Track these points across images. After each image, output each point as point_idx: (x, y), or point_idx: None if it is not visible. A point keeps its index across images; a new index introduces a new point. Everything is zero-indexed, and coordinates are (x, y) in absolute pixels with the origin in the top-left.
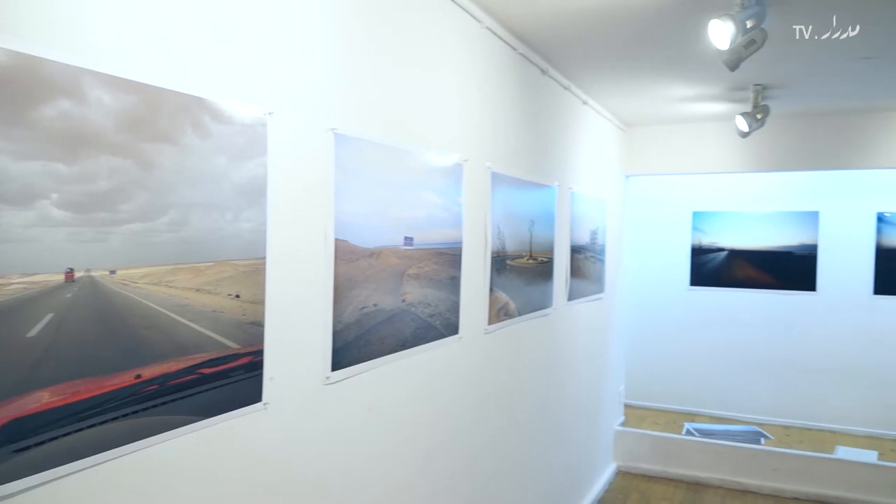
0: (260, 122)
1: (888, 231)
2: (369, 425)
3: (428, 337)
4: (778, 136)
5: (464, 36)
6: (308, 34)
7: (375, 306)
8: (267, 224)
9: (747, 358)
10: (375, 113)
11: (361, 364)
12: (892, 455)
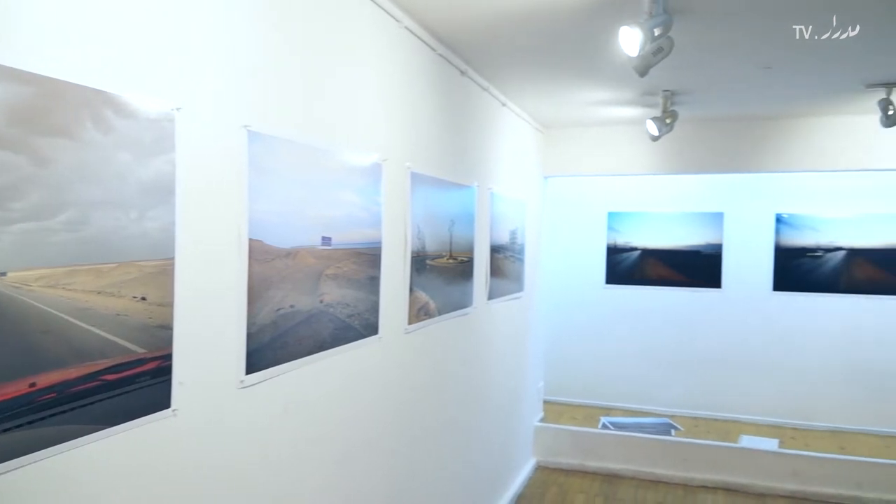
0: (167, 118)
1: (785, 231)
2: (285, 428)
3: (347, 338)
4: (686, 140)
5: (383, 35)
6: (218, 27)
7: (292, 307)
8: (176, 223)
9: (659, 353)
10: (292, 110)
11: (277, 366)
12: (792, 442)
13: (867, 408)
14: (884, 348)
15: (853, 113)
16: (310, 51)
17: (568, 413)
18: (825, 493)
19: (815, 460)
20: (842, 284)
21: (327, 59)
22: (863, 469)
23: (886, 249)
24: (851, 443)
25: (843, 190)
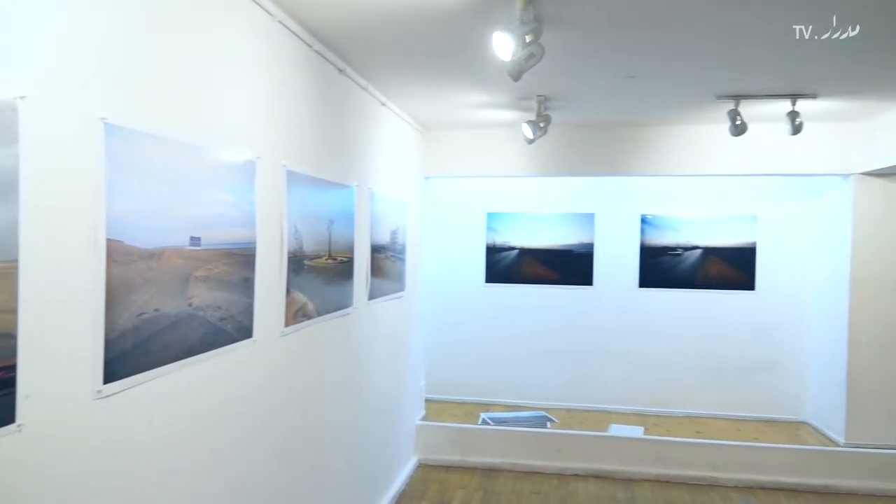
0: (9, 107)
1: (650, 231)
2: (152, 439)
3: (218, 342)
4: (559, 143)
5: (255, 29)
6: (72, 11)
7: (157, 311)
8: (20, 222)
9: (536, 348)
10: (156, 104)
11: (141, 374)
12: (655, 429)
13: (720, 394)
14: (735, 339)
15: (707, 122)
16: (176, 42)
17: (449, 410)
18: (685, 475)
19: (676, 445)
20: (698, 280)
21: (196, 52)
22: (717, 451)
23: (736, 248)
24: (707, 427)
25: (699, 193)
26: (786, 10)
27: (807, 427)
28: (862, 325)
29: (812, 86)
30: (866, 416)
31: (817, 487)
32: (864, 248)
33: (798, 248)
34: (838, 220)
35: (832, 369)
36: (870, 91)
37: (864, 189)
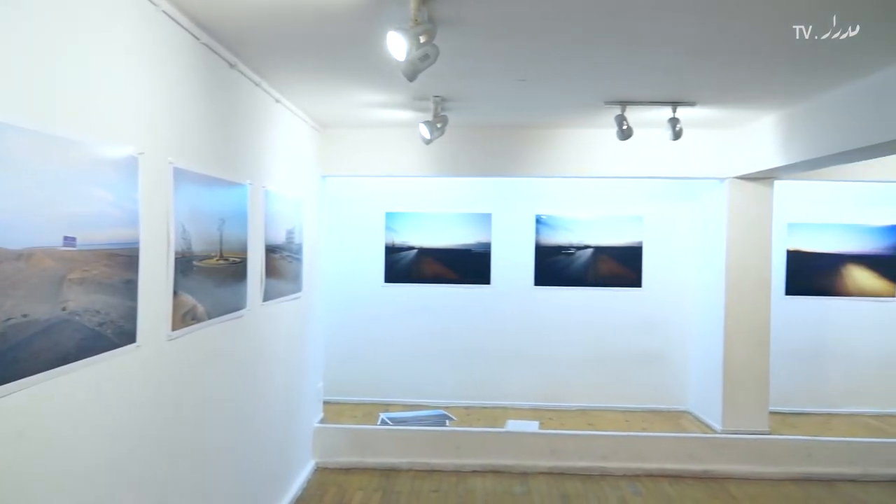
0: None
1: (544, 231)
2: (21, 455)
3: (97, 348)
4: (457, 144)
5: (138, 19)
6: None
7: (25, 317)
8: None
9: (435, 347)
10: (22, 95)
11: (7, 385)
12: (550, 423)
13: (611, 387)
14: (623, 334)
15: (596, 126)
16: (48, 30)
17: (348, 412)
18: (578, 466)
19: (569, 438)
20: (590, 278)
21: (71, 42)
22: (607, 442)
23: (625, 247)
24: (598, 420)
25: (590, 194)
26: (672, 20)
27: (688, 416)
28: (736, 320)
29: (691, 94)
30: (740, 404)
31: (697, 472)
32: (737, 248)
33: (680, 247)
34: (715, 221)
35: (710, 361)
36: (743, 101)
37: (738, 192)
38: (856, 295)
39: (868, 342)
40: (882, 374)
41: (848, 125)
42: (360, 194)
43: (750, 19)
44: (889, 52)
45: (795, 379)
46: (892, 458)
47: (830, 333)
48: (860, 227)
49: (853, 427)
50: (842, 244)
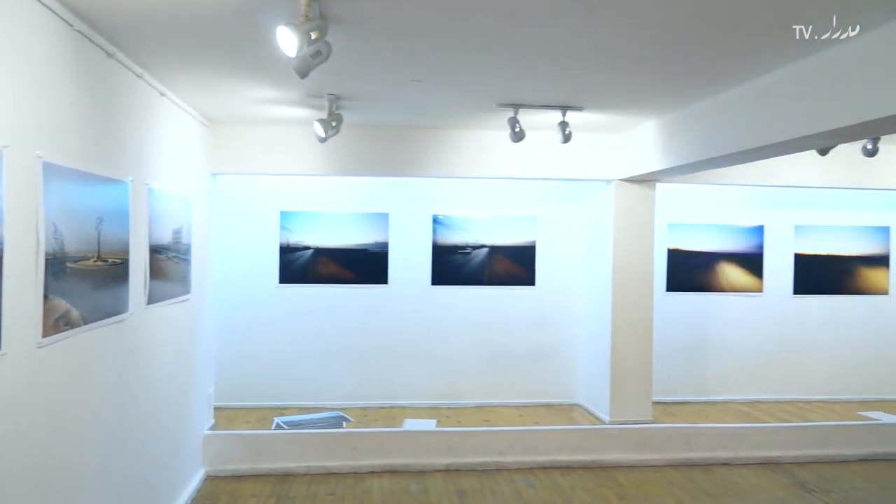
0: None
1: (441, 230)
2: None
3: None
4: (353, 143)
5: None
6: None
7: None
8: None
9: (332, 348)
10: None
11: None
12: (447, 420)
13: (505, 384)
14: (518, 331)
15: (490, 128)
16: None
17: (241, 417)
18: (474, 462)
19: (466, 434)
20: (485, 277)
21: None
22: (502, 437)
23: (519, 246)
24: (493, 416)
25: (485, 195)
26: (561, 28)
27: (579, 409)
28: (622, 316)
29: (579, 99)
30: (626, 396)
31: (587, 463)
32: (623, 247)
33: (571, 246)
34: (603, 222)
35: (599, 356)
36: (627, 107)
37: (623, 193)
38: (728, 290)
39: (739, 334)
40: (752, 364)
41: (720, 132)
42: (253, 193)
43: (632, 31)
44: (757, 64)
45: (676, 370)
46: (761, 442)
47: (707, 327)
48: (732, 227)
49: (727, 414)
50: (716, 243)
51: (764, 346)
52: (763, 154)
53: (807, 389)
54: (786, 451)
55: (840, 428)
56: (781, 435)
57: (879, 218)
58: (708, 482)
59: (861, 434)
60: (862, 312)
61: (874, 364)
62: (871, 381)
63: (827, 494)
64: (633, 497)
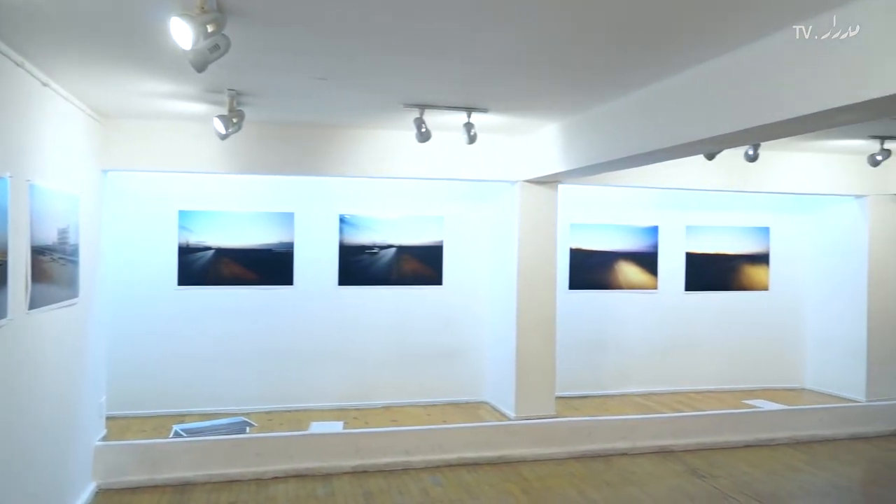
0: None
1: (348, 230)
2: None
3: None
4: (256, 141)
5: None
6: None
7: None
8: None
9: (235, 352)
10: None
11: None
12: (355, 422)
13: (413, 383)
14: (426, 331)
15: (397, 128)
16: None
17: (136, 426)
18: (381, 463)
19: (373, 435)
20: (393, 277)
21: None
22: (410, 437)
23: (427, 246)
24: (401, 415)
25: (393, 194)
26: (465, 31)
27: (486, 406)
28: (526, 314)
29: (484, 101)
30: (531, 392)
31: (493, 458)
32: (527, 246)
33: (477, 246)
34: (508, 222)
35: (505, 354)
36: (530, 109)
37: (527, 194)
38: (626, 288)
39: (636, 330)
40: (648, 358)
41: (617, 136)
42: (149, 191)
43: (533, 35)
44: (651, 71)
45: (578, 366)
46: (656, 432)
47: (606, 323)
48: (629, 227)
49: (625, 406)
50: (615, 243)
51: (658, 341)
52: (656, 158)
53: (698, 381)
54: (678, 440)
55: (727, 416)
56: (674, 425)
57: (761, 219)
58: (608, 472)
59: (746, 421)
60: (745, 307)
61: (757, 355)
62: (754, 372)
63: (716, 479)
64: (537, 490)
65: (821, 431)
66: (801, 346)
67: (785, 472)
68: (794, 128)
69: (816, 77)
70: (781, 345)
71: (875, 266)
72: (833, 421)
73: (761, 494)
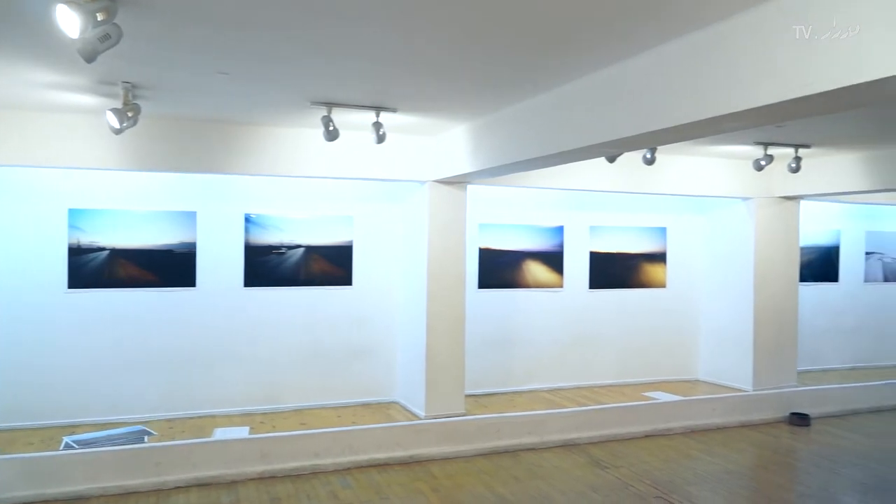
0: None
1: (254, 230)
2: None
3: None
4: (154, 136)
5: None
6: None
7: None
8: None
9: (134, 358)
10: None
11: None
12: (261, 427)
13: (323, 385)
14: (336, 332)
15: (304, 126)
16: None
17: (23, 439)
18: (289, 467)
19: (281, 439)
20: (302, 278)
21: None
22: (319, 440)
23: (336, 246)
24: (311, 418)
25: (301, 194)
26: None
27: (396, 406)
28: (436, 313)
29: (393, 101)
30: (440, 391)
31: (404, 458)
32: (437, 246)
33: (388, 246)
34: (418, 222)
35: (415, 353)
36: (439, 110)
37: (436, 194)
38: (533, 287)
39: (543, 327)
40: (554, 354)
41: (523, 138)
42: (36, 188)
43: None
44: (556, 75)
45: (487, 364)
46: (562, 426)
47: (514, 321)
48: (536, 227)
49: (533, 402)
50: (522, 242)
51: (565, 338)
52: (560, 160)
53: (601, 375)
54: (583, 433)
55: (628, 408)
56: (579, 418)
57: (658, 220)
58: (515, 467)
59: (645, 413)
60: (645, 304)
61: (655, 350)
62: (653, 365)
63: (618, 470)
64: (447, 488)
65: (713, 420)
66: (695, 340)
67: (681, 459)
68: (686, 133)
69: (706, 85)
70: (678, 339)
71: (760, 264)
72: (724, 410)
73: (659, 482)
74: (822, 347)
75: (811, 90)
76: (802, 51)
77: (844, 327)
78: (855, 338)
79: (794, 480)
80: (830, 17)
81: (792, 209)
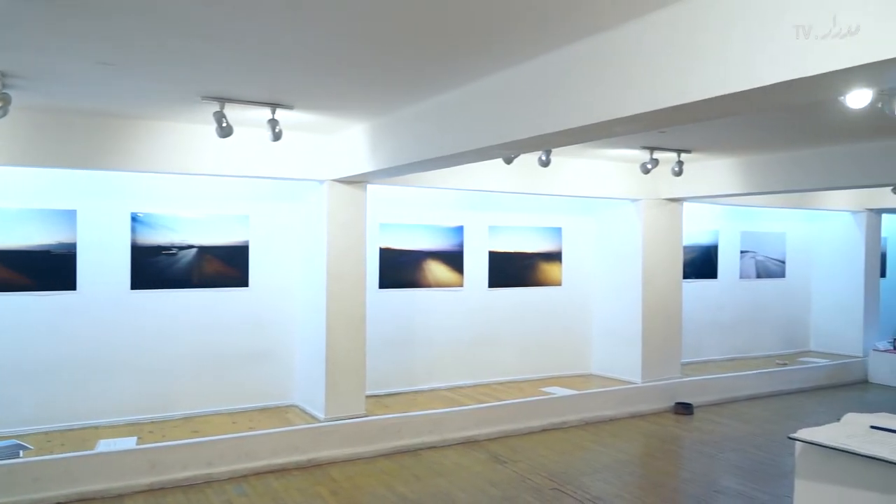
0: None
1: (142, 230)
2: None
3: None
4: (28, 129)
5: None
6: None
7: None
8: None
9: (6, 368)
10: None
11: None
12: (150, 436)
13: (217, 390)
14: (231, 335)
15: (195, 122)
16: None
17: None
18: (180, 478)
19: (171, 449)
20: (194, 279)
21: None
22: (212, 447)
23: (231, 246)
24: (204, 425)
25: (193, 192)
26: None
27: (295, 409)
28: (336, 314)
29: (289, 98)
30: (341, 392)
31: (302, 463)
32: (336, 246)
33: (286, 246)
34: (317, 221)
35: (314, 355)
36: (337, 108)
37: (335, 194)
38: (434, 286)
39: (444, 326)
40: (454, 352)
41: (420, 138)
42: None
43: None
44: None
45: (388, 363)
46: (462, 424)
47: (415, 320)
48: (437, 227)
49: (434, 400)
50: (423, 242)
51: (464, 336)
52: (457, 161)
53: (500, 372)
54: (482, 430)
55: (525, 404)
56: (478, 415)
57: (554, 220)
58: (417, 466)
59: (542, 408)
60: (542, 302)
61: (551, 346)
62: (549, 361)
63: (515, 464)
64: (346, 490)
65: (605, 412)
66: (588, 335)
67: (575, 451)
68: (577, 137)
69: (596, 91)
70: (572, 335)
71: (648, 262)
72: (615, 402)
73: (554, 474)
74: (703, 340)
75: (687, 98)
76: (684, 61)
77: (723, 321)
78: (732, 331)
79: (679, 467)
80: (707, 31)
81: (676, 210)
